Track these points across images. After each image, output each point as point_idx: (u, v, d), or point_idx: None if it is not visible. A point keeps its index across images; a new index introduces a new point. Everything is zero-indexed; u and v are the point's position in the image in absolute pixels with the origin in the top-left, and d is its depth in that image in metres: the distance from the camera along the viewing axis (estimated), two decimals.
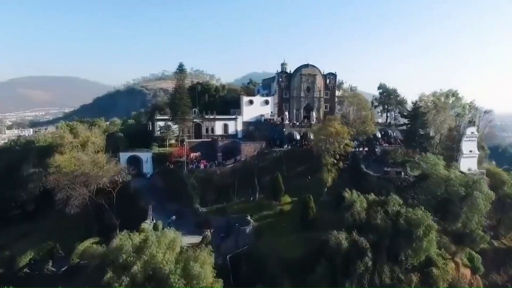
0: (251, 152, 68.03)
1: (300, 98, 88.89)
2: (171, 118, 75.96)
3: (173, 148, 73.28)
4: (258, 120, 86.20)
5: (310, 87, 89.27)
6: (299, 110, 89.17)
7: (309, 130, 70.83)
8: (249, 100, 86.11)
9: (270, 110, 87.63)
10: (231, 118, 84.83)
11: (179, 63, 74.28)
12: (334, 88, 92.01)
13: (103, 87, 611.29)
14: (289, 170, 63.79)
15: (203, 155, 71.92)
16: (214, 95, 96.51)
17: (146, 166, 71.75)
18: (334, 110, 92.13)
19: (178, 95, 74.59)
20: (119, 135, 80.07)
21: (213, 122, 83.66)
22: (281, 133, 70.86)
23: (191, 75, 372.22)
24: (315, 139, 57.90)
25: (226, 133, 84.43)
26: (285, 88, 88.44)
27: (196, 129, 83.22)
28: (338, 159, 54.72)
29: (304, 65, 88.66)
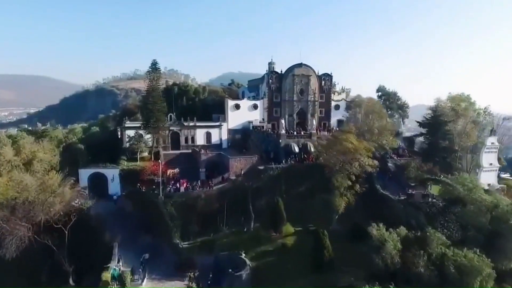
0: (241, 168, 56.50)
1: (293, 102, 78.12)
2: (143, 126, 63.22)
3: (146, 163, 60.58)
4: (245, 128, 74.72)
5: (303, 89, 78.71)
6: (292, 116, 78.40)
7: (308, 141, 60.10)
8: (235, 105, 74.46)
9: (259, 116, 76.41)
10: (214, 125, 72.89)
11: (153, 61, 61.74)
12: (329, 91, 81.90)
13: (72, 87, 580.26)
14: (289, 191, 52.76)
15: (183, 172, 59.64)
16: (193, 98, 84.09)
17: (112, 186, 58.65)
18: (330, 115, 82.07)
19: (151, 98, 61.93)
20: (79, 147, 66.43)
21: (194, 130, 71.45)
22: (276, 144, 59.79)
23: (165, 75, 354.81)
24: (328, 157, 46.86)
25: (209, 142, 72.49)
26: (276, 90, 77.41)
27: (173, 139, 70.75)
28: (355, 181, 44.31)
29: (297, 65, 78.00)
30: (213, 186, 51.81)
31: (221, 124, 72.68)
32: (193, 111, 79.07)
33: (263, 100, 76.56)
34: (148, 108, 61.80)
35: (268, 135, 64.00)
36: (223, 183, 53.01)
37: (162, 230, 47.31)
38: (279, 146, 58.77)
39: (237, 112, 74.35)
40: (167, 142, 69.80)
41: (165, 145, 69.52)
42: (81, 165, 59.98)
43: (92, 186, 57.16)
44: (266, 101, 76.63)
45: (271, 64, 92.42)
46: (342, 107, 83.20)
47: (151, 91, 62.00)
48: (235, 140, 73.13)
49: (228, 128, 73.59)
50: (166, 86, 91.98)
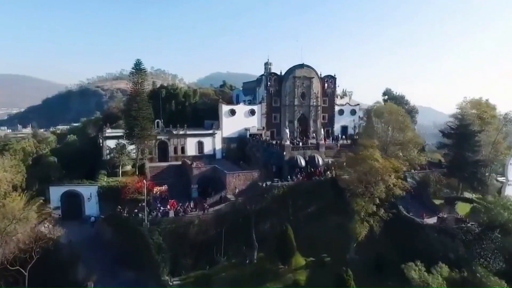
0: (240, 185, 48.96)
1: (294, 106, 70.87)
2: (126, 136, 55.02)
3: (129, 179, 52.45)
4: (242, 136, 67.15)
5: (305, 93, 71.55)
6: (292, 122, 71.13)
7: (316, 153, 52.85)
8: (230, 110, 66.77)
9: (256, 123, 68.92)
10: (207, 133, 65.06)
11: (136, 60, 53.65)
12: (333, 94, 75.01)
13: (56, 87, 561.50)
14: (296, 213, 45.46)
15: (172, 188, 51.66)
16: (183, 102, 76.03)
17: (89, 206, 50.19)
18: (333, 121, 75.18)
19: (135, 104, 53.77)
20: (50, 160, 57.80)
21: (184, 139, 63.50)
22: (279, 157, 52.37)
23: (152, 75, 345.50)
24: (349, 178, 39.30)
25: (201, 153, 64.67)
26: (275, 94, 70.04)
27: (161, 149, 62.70)
28: (379, 205, 37.15)
29: (298, 65, 70.80)
30: (208, 208, 43.99)
31: (214, 132, 64.92)
32: (183, 117, 71.40)
33: (261, 105, 69.10)
34: (131, 115, 53.62)
35: (269, 145, 56.56)
36: (220, 204, 45.21)
37: (148, 264, 39.25)
38: (282, 159, 51.44)
39: (232, 118, 66.70)
40: (154, 153, 61.73)
41: (152, 156, 61.45)
42: (53, 182, 51.67)
43: (65, 206, 48.97)
44: (264, 106, 69.21)
45: (268, 65, 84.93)
46: (346, 112, 76.49)
47: (135, 95, 53.88)
48: (230, 150, 65.52)
49: (222, 137, 65.92)
50: (152, 89, 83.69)
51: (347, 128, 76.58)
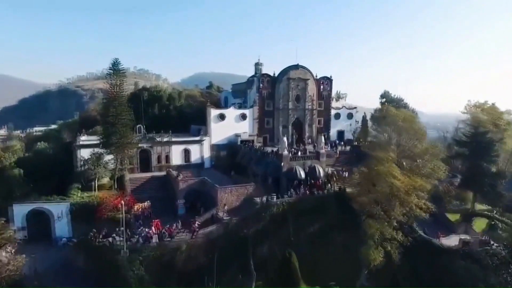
0: (234, 201, 43.44)
1: (288, 110, 65.74)
2: (103, 144, 48.72)
3: (106, 193, 46.29)
4: (232, 143, 61.62)
5: (300, 95, 66.53)
6: (286, 127, 66.01)
7: (316, 164, 47.77)
8: (219, 114, 61.09)
9: (248, 128, 63.48)
10: (194, 140, 59.21)
11: (113, 60, 47.29)
12: (329, 97, 70.24)
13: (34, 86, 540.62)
14: (298, 233, 40.18)
15: (155, 204, 45.74)
16: (167, 106, 69.81)
17: (59, 226, 43.66)
18: (329, 126, 70.43)
19: (112, 109, 47.51)
20: (14, 174, 50.87)
21: (169, 146, 57.50)
22: (276, 168, 47.02)
23: (135, 75, 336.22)
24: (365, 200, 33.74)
25: (187, 162, 58.81)
26: (268, 97, 64.74)
27: (142, 158, 56.51)
28: (398, 229, 32.17)
29: (293, 66, 65.69)
30: (198, 230, 38.21)
31: (202, 139, 59.13)
32: (168, 122, 65.18)
33: (252, 109, 63.67)
34: (109, 121, 47.35)
35: (264, 154, 51.16)
36: (211, 225, 39.47)
37: None
38: (280, 171, 46.14)
39: (221, 123, 61.07)
40: (135, 163, 55.51)
41: (132, 167, 55.22)
42: (17, 199, 45.03)
43: (31, 227, 42.57)
44: (256, 110, 63.84)
45: (259, 65, 79.65)
46: (343, 115, 71.86)
47: (113, 99, 47.59)
48: (220, 158, 59.91)
49: (211, 144, 60.22)
50: (133, 91, 77.16)
51: (343, 133, 71.98)
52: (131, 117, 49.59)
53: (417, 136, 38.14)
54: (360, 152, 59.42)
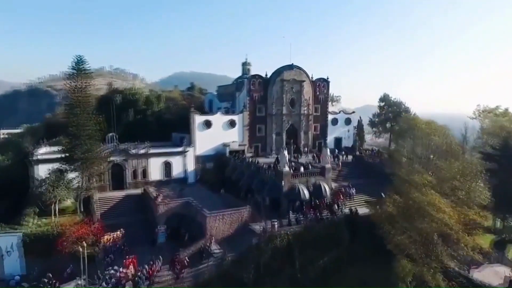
0: (226, 230, 35.84)
1: (282, 116, 58.61)
2: (65, 160, 40.14)
3: (68, 219, 37.86)
4: (220, 153, 54.00)
5: (295, 99, 59.54)
6: (280, 135, 58.89)
7: (322, 181, 40.77)
8: (205, 121, 53.27)
9: (237, 136, 55.97)
10: (176, 151, 51.14)
11: (76, 57, 38.62)
12: (326, 101, 63.59)
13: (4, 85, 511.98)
14: (305, 267, 32.99)
15: (131, 230, 37.59)
16: (144, 111, 61.21)
17: (9, 262, 34.85)
18: (326, 132, 63.77)
19: (74, 118, 38.96)
20: None
21: (146, 159, 49.24)
22: (274, 186, 39.69)
23: (111, 75, 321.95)
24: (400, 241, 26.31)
25: (168, 176, 50.75)
26: (260, 101, 57.40)
27: (114, 174, 48.05)
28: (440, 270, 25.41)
29: (287, 67, 58.61)
30: (184, 271, 30.41)
31: (185, 150, 51.17)
32: (145, 130, 57.16)
33: (242, 115, 56.15)
34: (71, 133, 38.80)
35: (259, 169, 43.64)
36: (201, 263, 31.73)
37: None
38: (279, 190, 38.89)
39: (208, 131, 53.33)
40: (106, 180, 47.01)
41: (102, 184, 46.72)
42: None
43: None
44: (246, 116, 56.37)
45: (246, 66, 72.57)
46: (340, 121, 65.41)
47: (75, 105, 39.00)
48: (206, 172, 52.12)
49: (195, 155, 52.37)
50: (106, 93, 68.14)
51: (341, 140, 65.57)
52: (99, 127, 41.16)
53: (452, 153, 31.63)
54: (365, 163, 53.15)
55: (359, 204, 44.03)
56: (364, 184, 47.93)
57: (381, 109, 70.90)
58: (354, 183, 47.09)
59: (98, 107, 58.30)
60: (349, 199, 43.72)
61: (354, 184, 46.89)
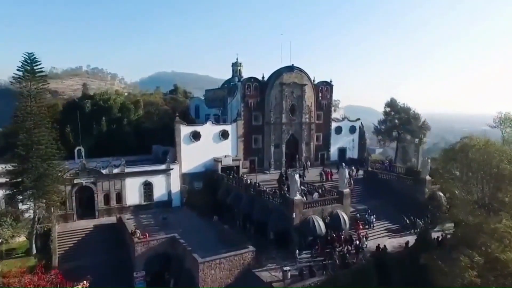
0: (223, 278, 27.69)
1: (282, 125, 50.84)
2: (13, 187, 31.15)
3: (16, 265, 28.88)
4: (210, 169, 45.78)
5: (296, 105, 51.90)
6: (279, 147, 51.10)
7: (339, 209, 33.21)
8: (192, 133, 44.85)
9: (230, 149, 47.84)
10: (158, 170, 42.51)
11: (27, 55, 29.76)
12: (329, 107, 56.18)
13: None
14: None
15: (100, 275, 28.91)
16: (119, 119, 52.00)
17: None
18: (329, 143, 56.46)
19: (22, 134, 30.03)
20: None
21: (121, 180, 40.45)
22: (282, 219, 31.81)
23: (87, 75, 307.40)
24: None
25: (149, 200, 42.13)
26: (256, 107, 49.40)
27: (82, 199, 39.10)
28: None
29: (287, 68, 50.89)
30: None
31: (169, 168, 42.65)
32: (120, 142, 48.42)
33: (236, 124, 48.03)
34: (21, 155, 29.81)
35: (261, 194, 35.58)
36: None
37: None
38: (288, 222, 31.10)
39: (195, 144, 44.97)
40: (70, 207, 38.04)
41: (66, 213, 37.75)
42: None
43: None
44: (241, 125, 48.31)
45: (237, 66, 64.53)
46: (345, 129, 58.14)
47: (25, 117, 30.04)
48: (194, 193, 43.75)
49: (181, 173, 43.95)
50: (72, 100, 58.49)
51: (345, 151, 58.33)
52: (59, 144, 32.37)
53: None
54: (378, 180, 46.01)
55: (380, 234, 36.95)
56: (380, 206, 40.76)
57: (387, 115, 64.26)
58: (370, 206, 39.93)
59: (64, 116, 49.42)
60: (370, 228, 36.42)
61: (370, 206, 39.74)
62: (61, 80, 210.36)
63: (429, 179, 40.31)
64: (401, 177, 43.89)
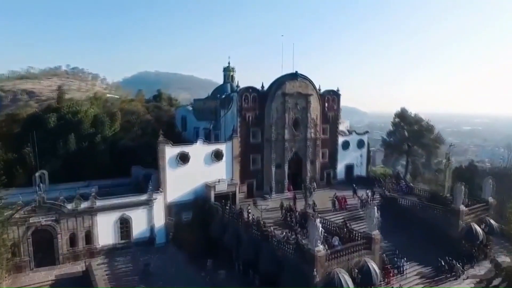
0: None
1: (284, 142, 43.67)
2: None
3: None
4: (200, 197, 38.23)
5: (300, 119, 44.84)
6: (281, 167, 43.89)
7: (368, 258, 26.31)
8: (179, 155, 37.15)
9: (225, 172, 40.39)
10: (137, 201, 34.71)
11: None
12: (336, 120, 49.35)
13: None
14: None
15: None
16: (91, 136, 43.72)
17: None
18: (336, 160, 49.68)
19: None
20: None
21: (91, 217, 32.51)
22: (300, 276, 24.74)
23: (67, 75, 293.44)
24: None
25: (126, 238, 34.34)
26: (254, 122, 42.07)
27: (40, 242, 31.02)
28: None
29: (290, 76, 43.73)
30: None
31: (152, 198, 34.96)
32: (92, 163, 40.51)
33: (231, 142, 40.59)
34: None
35: (267, 239, 28.29)
36: None
37: None
38: (309, 282, 24.10)
39: (184, 168, 37.37)
40: (23, 253, 29.97)
41: (19, 262, 29.68)
42: None
43: None
44: (237, 144, 40.92)
45: (229, 72, 57.36)
46: (352, 144, 51.41)
47: None
48: (181, 228, 36.03)
49: (166, 204, 36.31)
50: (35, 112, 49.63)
51: (352, 168, 51.64)
52: None
53: None
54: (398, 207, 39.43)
55: (414, 281, 30.27)
56: (407, 243, 34.09)
57: (396, 126, 58.00)
58: (396, 243, 33.29)
59: (23, 132, 41.18)
60: (401, 275, 29.71)
61: (395, 243, 33.10)
62: (38, 80, 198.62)
63: (464, 209, 34.02)
64: (428, 205, 37.41)
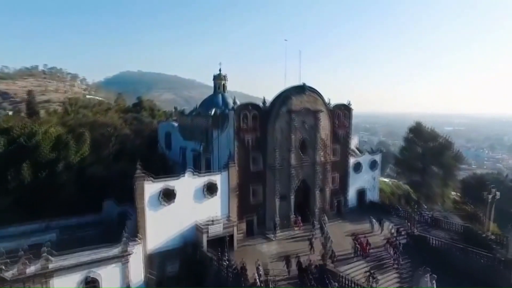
0: None
1: (290, 169, 36.40)
2: None
3: None
4: (190, 242, 30.59)
5: (307, 140, 37.70)
6: (286, 198, 36.65)
7: None
8: (163, 192, 29.36)
9: (219, 208, 32.86)
10: (107, 256, 26.76)
11: None
12: (347, 139, 42.45)
13: None
14: None
15: None
16: (52, 162, 35.27)
17: None
18: (347, 185, 42.75)
19: None
20: None
21: (46, 280, 24.42)
22: None
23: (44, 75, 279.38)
24: None
25: None
26: (254, 146, 34.68)
27: None
28: None
29: (296, 89, 36.52)
30: None
31: (127, 251, 27.08)
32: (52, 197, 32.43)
33: (227, 172, 33.03)
34: None
35: None
36: None
37: None
38: None
39: (169, 208, 29.68)
40: None
41: None
42: None
43: None
44: (234, 173, 33.40)
45: (220, 80, 49.64)
46: (365, 165, 44.61)
47: None
48: (165, 284, 28.36)
49: (146, 254, 28.53)
50: None
51: (364, 192, 44.90)
52: None
53: None
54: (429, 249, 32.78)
55: None
56: None
57: (409, 142, 51.61)
58: None
59: None
60: None
61: None
62: (13, 80, 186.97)
63: None
64: (468, 249, 30.81)
